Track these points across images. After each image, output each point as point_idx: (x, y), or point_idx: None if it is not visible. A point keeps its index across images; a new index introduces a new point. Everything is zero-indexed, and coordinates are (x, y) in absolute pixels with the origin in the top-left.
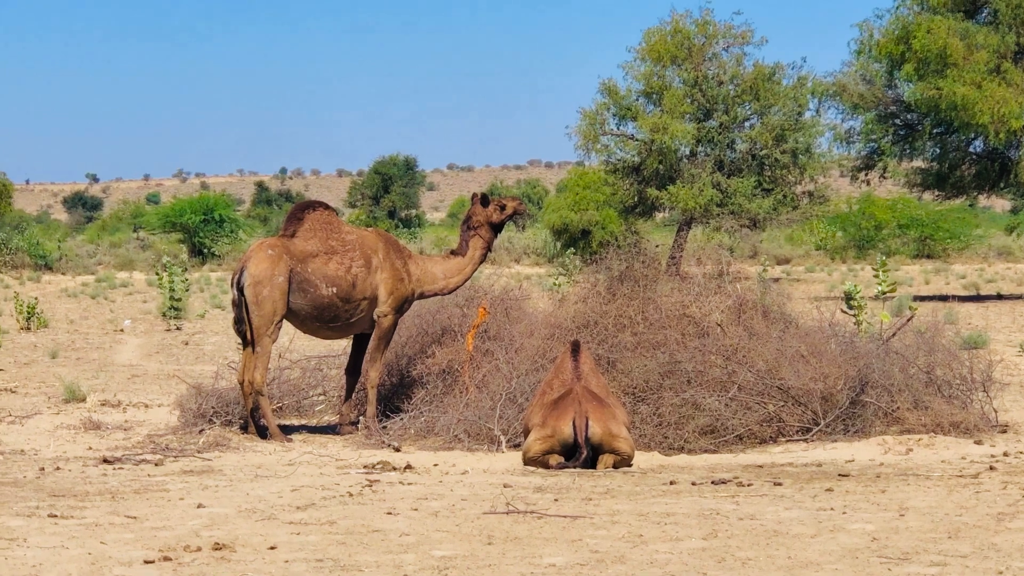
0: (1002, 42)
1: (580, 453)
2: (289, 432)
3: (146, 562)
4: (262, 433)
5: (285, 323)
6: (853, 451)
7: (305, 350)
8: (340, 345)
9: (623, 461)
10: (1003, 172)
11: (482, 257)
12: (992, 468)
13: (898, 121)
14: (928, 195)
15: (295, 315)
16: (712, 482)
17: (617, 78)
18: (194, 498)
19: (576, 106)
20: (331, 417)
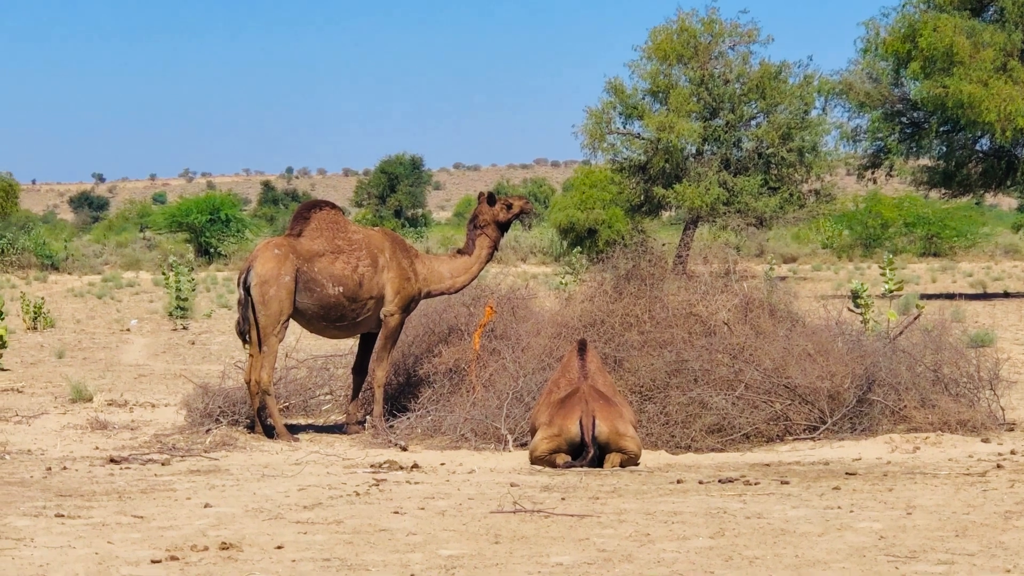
0: (1008, 40)
1: (587, 452)
2: (296, 431)
3: (153, 562)
4: (269, 432)
5: (292, 322)
6: (860, 449)
7: (312, 349)
8: (347, 344)
9: (630, 460)
10: (1010, 170)
11: (489, 256)
12: (999, 466)
13: (904, 119)
14: (935, 193)
15: (301, 314)
16: (719, 481)
17: (623, 77)
18: (201, 498)
19: (582, 105)
20: (338, 416)
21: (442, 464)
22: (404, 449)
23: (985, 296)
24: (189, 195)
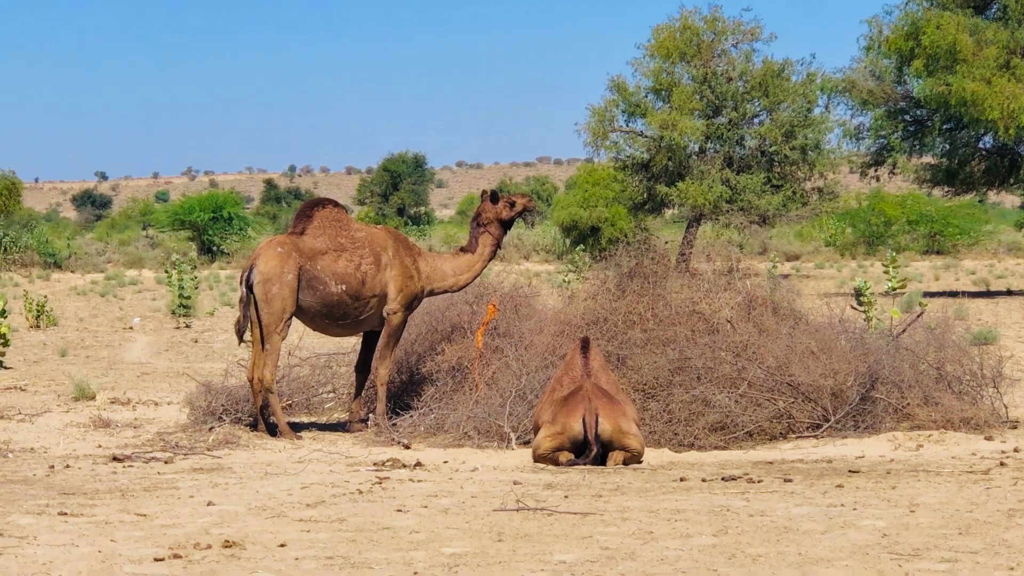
0: (1011, 38)
1: (590, 450)
2: (299, 429)
3: (156, 560)
4: (272, 430)
5: (295, 320)
6: (863, 447)
7: (315, 347)
8: (350, 342)
9: (633, 458)
10: (1013, 168)
11: (492, 254)
12: (1003, 464)
13: (907, 117)
14: (938, 191)
15: (304, 313)
16: (722, 478)
17: (626, 75)
18: (204, 496)
19: (585, 103)
20: (341, 414)
21: (445, 462)
22: (407, 447)
23: (988, 294)
24: (192, 193)
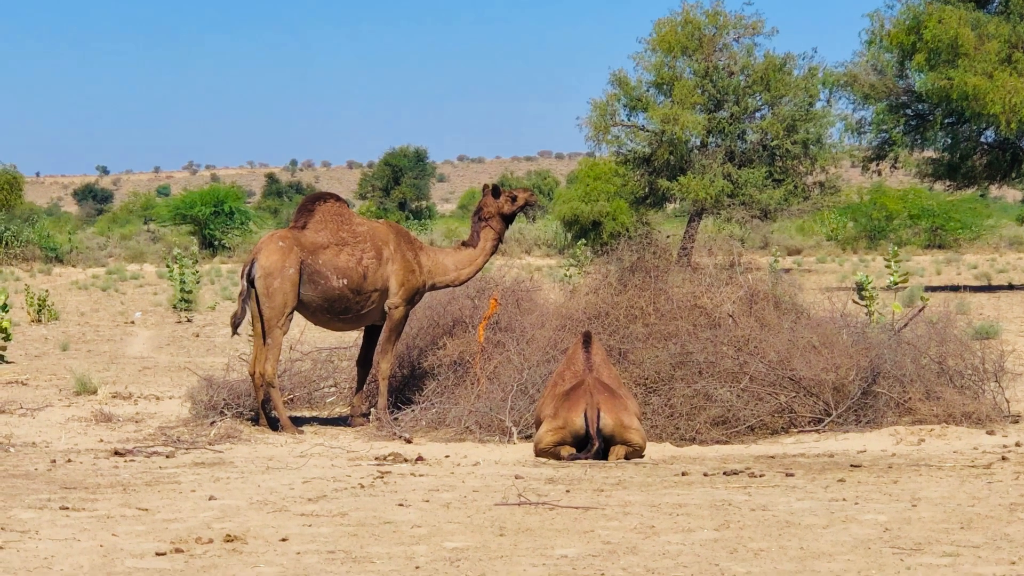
0: (1013, 32)
1: (592, 444)
2: (300, 424)
3: (158, 554)
4: (273, 425)
5: (296, 315)
6: (865, 442)
7: (316, 342)
8: (351, 337)
9: (635, 452)
10: (1014, 162)
11: (493, 248)
12: (1004, 458)
13: (909, 111)
14: (939, 185)
15: (306, 307)
16: (724, 473)
17: (628, 69)
18: (205, 490)
19: (587, 97)
20: (342, 409)
21: (447, 456)
22: (408, 441)
23: (990, 288)
24: (193, 188)
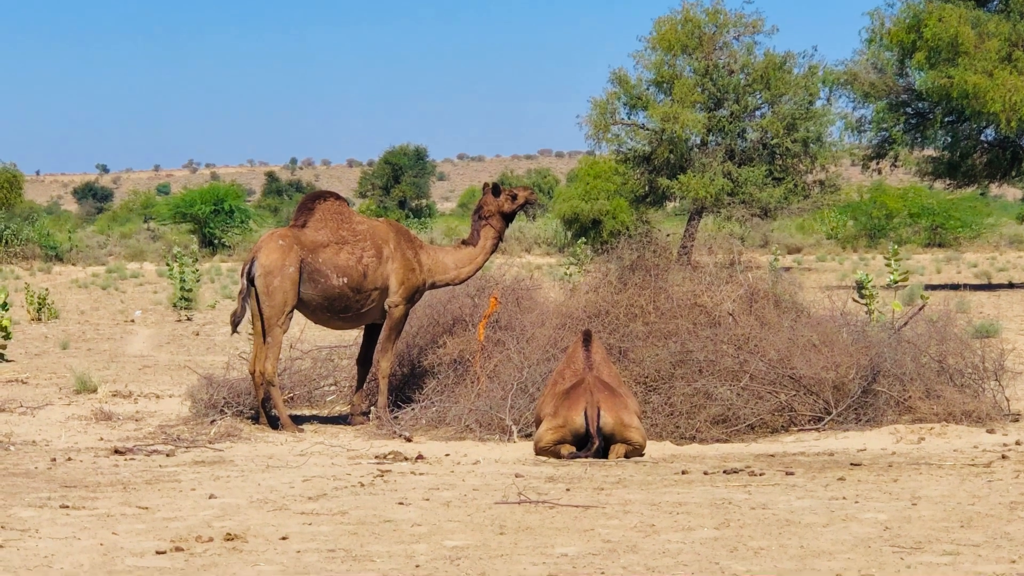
0: (1013, 30)
1: (592, 443)
2: (300, 422)
3: (158, 553)
4: (273, 423)
5: (296, 313)
6: (865, 440)
7: (316, 340)
8: (351, 335)
9: (635, 451)
10: (1014, 161)
11: (493, 247)
12: (1004, 457)
13: (909, 110)
14: (939, 184)
15: (306, 305)
16: (724, 471)
17: (628, 67)
18: (206, 489)
19: (587, 95)
20: (342, 407)
21: (447, 455)
22: (409, 440)
23: (990, 287)
24: (193, 186)
